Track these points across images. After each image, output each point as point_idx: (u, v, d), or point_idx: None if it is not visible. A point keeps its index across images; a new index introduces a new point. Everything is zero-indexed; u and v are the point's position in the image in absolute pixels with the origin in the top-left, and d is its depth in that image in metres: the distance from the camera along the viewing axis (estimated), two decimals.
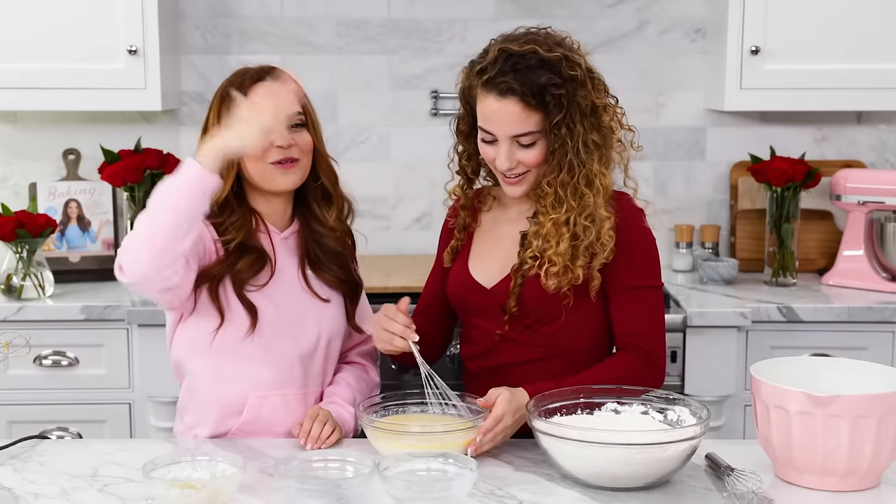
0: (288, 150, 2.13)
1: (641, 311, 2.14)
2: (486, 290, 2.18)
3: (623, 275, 2.12)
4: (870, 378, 1.92)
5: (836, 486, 1.82)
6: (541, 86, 2.03)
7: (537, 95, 2.03)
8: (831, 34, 3.21)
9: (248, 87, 2.14)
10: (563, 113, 2.04)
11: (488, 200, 2.28)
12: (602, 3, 3.50)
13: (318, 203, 2.23)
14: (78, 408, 3.04)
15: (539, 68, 2.04)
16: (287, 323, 2.17)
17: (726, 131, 3.56)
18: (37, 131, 3.50)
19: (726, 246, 3.58)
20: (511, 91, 2.03)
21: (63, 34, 3.17)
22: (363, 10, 3.49)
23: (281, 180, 2.14)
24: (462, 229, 2.27)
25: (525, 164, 2.09)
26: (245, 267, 2.13)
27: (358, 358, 2.32)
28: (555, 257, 2.07)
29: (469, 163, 2.24)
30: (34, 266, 3.10)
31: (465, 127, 2.21)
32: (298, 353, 2.18)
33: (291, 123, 2.14)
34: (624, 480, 1.81)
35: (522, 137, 2.07)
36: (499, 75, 2.04)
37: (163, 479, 1.74)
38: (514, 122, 2.05)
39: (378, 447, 1.97)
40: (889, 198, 3.24)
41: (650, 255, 2.17)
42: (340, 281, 2.24)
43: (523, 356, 2.16)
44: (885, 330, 3.03)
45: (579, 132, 2.06)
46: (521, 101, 2.03)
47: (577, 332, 2.15)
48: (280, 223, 2.22)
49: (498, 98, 2.05)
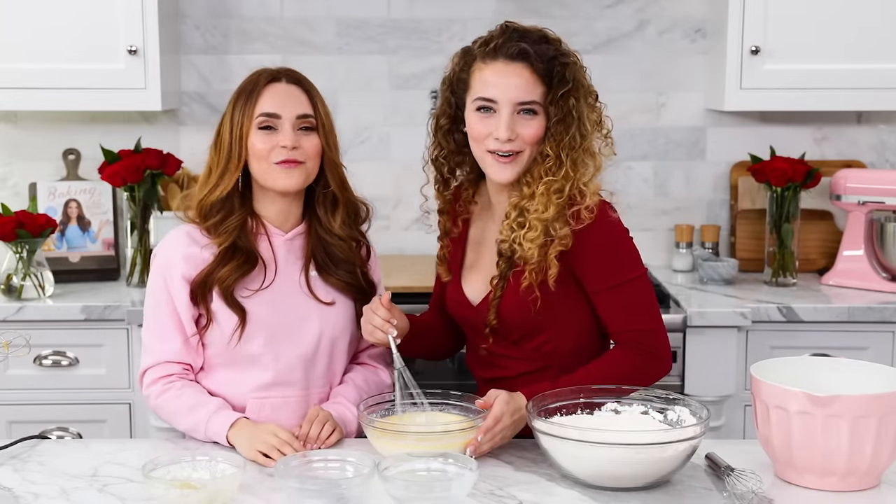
0: (292, 152, 2.12)
1: (628, 306, 2.10)
2: (473, 306, 2.19)
3: (601, 275, 2.08)
4: (870, 378, 1.92)
5: (836, 486, 1.82)
6: (550, 57, 2.05)
7: (546, 65, 2.04)
8: (831, 34, 3.21)
9: (262, 85, 2.15)
10: (568, 86, 2.05)
11: (470, 207, 2.24)
12: (602, 3, 3.50)
13: (326, 209, 2.22)
14: (78, 408, 3.05)
15: (546, 43, 2.07)
16: (286, 325, 2.17)
17: (726, 131, 3.56)
18: (37, 131, 3.50)
19: (726, 246, 3.58)
20: (523, 55, 2.04)
21: (63, 34, 3.17)
22: (363, 10, 3.49)
23: (283, 181, 2.14)
24: (444, 235, 2.26)
25: (523, 138, 2.06)
26: (230, 271, 2.13)
27: (368, 359, 2.31)
28: (536, 222, 2.04)
29: (446, 161, 2.21)
30: (34, 266, 3.10)
31: (445, 122, 2.18)
32: (298, 356, 2.18)
33: (299, 127, 2.14)
34: (624, 480, 1.81)
35: (525, 105, 2.06)
36: (508, 41, 2.06)
37: (163, 479, 1.75)
38: (522, 88, 2.05)
39: (378, 447, 1.97)
40: (889, 198, 3.23)
41: (624, 247, 2.12)
42: (347, 285, 2.23)
43: (517, 369, 2.17)
44: (885, 330, 3.03)
45: (583, 108, 2.07)
46: (531, 68, 2.04)
47: (563, 341, 2.14)
48: (285, 225, 2.21)
49: (507, 62, 2.05)
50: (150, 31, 3.17)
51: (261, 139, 2.13)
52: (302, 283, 2.20)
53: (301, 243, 2.22)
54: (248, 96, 2.15)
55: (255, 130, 2.14)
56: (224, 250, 2.14)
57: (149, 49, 3.17)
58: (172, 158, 3.25)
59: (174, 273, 2.15)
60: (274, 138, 2.13)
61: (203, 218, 2.17)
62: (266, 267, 2.18)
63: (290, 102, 2.15)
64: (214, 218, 2.16)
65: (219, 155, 2.17)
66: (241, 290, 2.14)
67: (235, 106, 2.16)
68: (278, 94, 2.15)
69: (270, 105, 2.14)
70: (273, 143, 2.12)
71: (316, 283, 2.21)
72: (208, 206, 2.16)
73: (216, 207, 2.16)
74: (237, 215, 2.16)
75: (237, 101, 2.17)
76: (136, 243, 3.27)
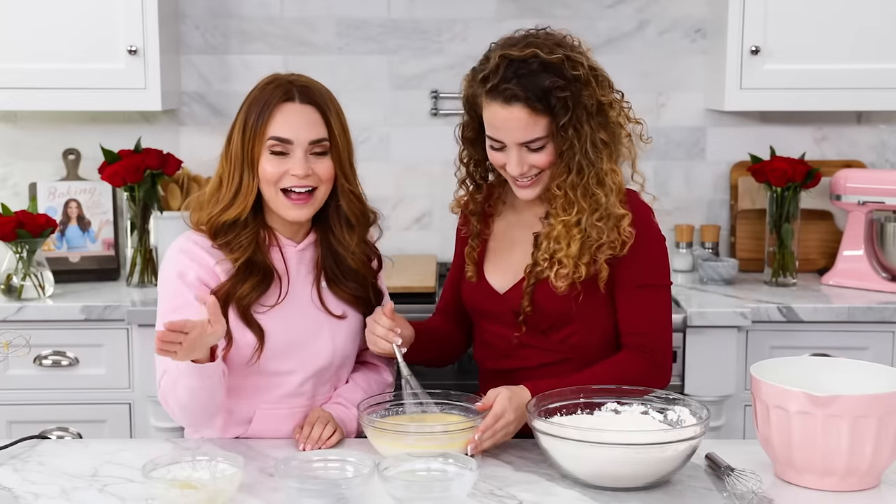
0: (303, 179, 2.06)
1: (648, 311, 2.13)
2: (500, 295, 2.19)
3: (630, 273, 2.11)
4: (870, 378, 1.91)
5: (836, 486, 1.82)
6: (545, 89, 2.02)
7: (542, 100, 2.02)
8: (831, 34, 3.21)
9: (275, 105, 2.06)
10: (568, 115, 2.03)
11: (499, 206, 2.27)
12: (602, 3, 3.50)
13: (341, 224, 2.15)
14: (78, 408, 3.04)
15: (542, 72, 2.02)
16: (298, 342, 2.13)
17: (726, 131, 3.56)
18: (37, 131, 3.50)
19: (726, 246, 3.58)
20: (515, 98, 2.02)
21: (63, 34, 3.17)
22: (363, 10, 3.49)
23: (293, 213, 2.09)
24: (476, 236, 2.27)
25: (536, 166, 2.08)
26: (248, 289, 2.07)
27: (371, 358, 2.29)
28: (565, 259, 2.07)
29: (477, 169, 2.24)
30: (34, 266, 3.10)
31: (470, 133, 2.20)
32: (309, 372, 2.15)
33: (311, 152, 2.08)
34: (624, 480, 1.81)
35: (531, 143, 2.06)
36: (502, 82, 2.03)
37: (163, 479, 1.74)
38: (522, 129, 2.05)
39: (378, 447, 1.97)
40: (889, 198, 3.23)
41: (658, 253, 2.16)
42: (357, 298, 2.19)
43: (538, 360, 2.17)
44: (885, 330, 3.03)
45: (586, 132, 2.05)
46: (527, 107, 2.02)
47: (589, 335, 2.15)
48: (296, 236, 2.17)
49: (503, 105, 2.04)
50: (150, 31, 3.17)
51: (272, 164, 2.06)
52: (314, 297, 2.16)
53: (312, 254, 2.18)
54: (259, 114, 2.06)
55: (266, 154, 2.07)
56: (240, 267, 2.08)
57: (149, 49, 3.17)
58: (172, 158, 3.25)
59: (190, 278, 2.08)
60: (285, 164, 2.06)
61: (214, 235, 2.11)
62: (280, 281, 2.13)
63: (303, 126, 2.06)
64: (227, 236, 2.10)
65: (230, 169, 2.10)
66: (257, 307, 2.09)
67: (247, 120, 2.08)
68: (292, 116, 2.06)
69: (282, 129, 2.06)
70: (284, 170, 2.06)
71: (326, 295, 2.17)
72: (220, 224, 2.10)
73: (228, 225, 2.10)
74: (250, 229, 2.11)
75: (248, 116, 2.08)
76: (136, 243, 3.27)
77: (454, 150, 2.27)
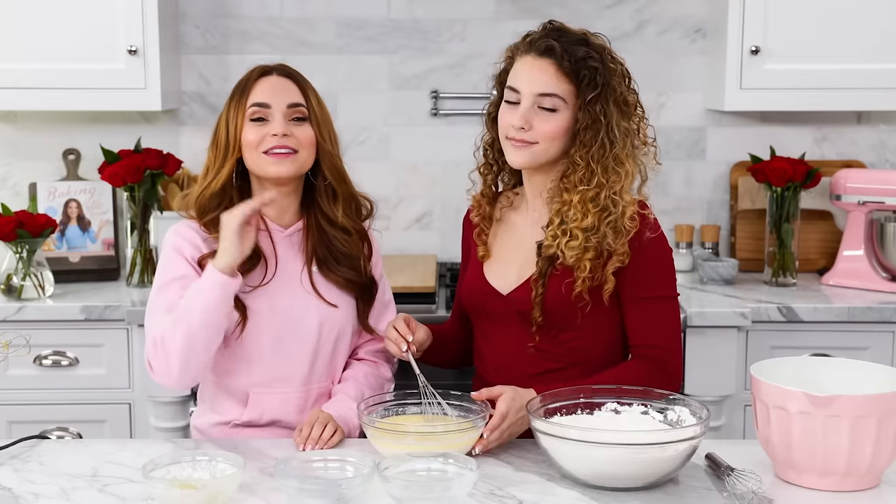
0: (283, 139, 2.14)
1: (657, 322, 2.14)
2: (503, 296, 2.19)
3: (638, 284, 2.12)
4: (870, 378, 1.91)
5: (836, 486, 1.82)
6: (579, 58, 2.08)
7: (573, 65, 2.07)
8: (831, 34, 3.21)
9: (254, 79, 2.19)
10: (597, 91, 2.07)
11: (502, 205, 2.27)
12: (601, 4, 3.50)
13: (328, 200, 2.23)
14: (78, 408, 3.05)
15: (583, 45, 2.10)
16: (287, 322, 2.17)
17: (726, 131, 3.56)
18: (37, 131, 3.50)
19: (726, 246, 3.58)
20: (550, 51, 2.08)
21: (63, 34, 3.17)
22: (363, 10, 3.49)
23: (274, 168, 2.15)
24: (485, 219, 2.28)
25: (538, 130, 2.09)
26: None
27: (369, 355, 2.31)
28: (577, 231, 2.07)
29: (491, 149, 2.25)
30: (34, 266, 3.10)
31: (493, 110, 2.21)
32: (300, 352, 2.19)
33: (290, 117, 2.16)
34: (624, 480, 1.81)
35: (546, 98, 2.08)
36: (542, 39, 2.10)
37: (163, 479, 1.75)
38: (543, 81, 2.08)
39: (378, 447, 1.97)
40: (889, 198, 3.24)
41: (665, 264, 2.17)
42: (349, 282, 2.23)
43: (543, 366, 2.16)
44: (885, 330, 3.03)
45: (613, 113, 2.09)
46: (556, 64, 2.08)
47: (594, 340, 2.15)
48: (284, 220, 2.23)
49: (536, 57, 2.10)
50: (150, 31, 3.17)
51: (253, 130, 2.16)
52: (304, 280, 2.21)
53: (300, 239, 2.23)
54: (241, 92, 2.19)
55: (247, 123, 2.16)
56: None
57: (149, 49, 3.17)
58: (172, 158, 3.25)
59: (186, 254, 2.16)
60: (265, 128, 2.16)
61: (201, 213, 2.18)
62: (266, 262, 2.19)
63: (280, 92, 2.17)
64: (212, 213, 2.16)
65: (215, 152, 2.20)
66: (241, 286, 2.13)
67: (230, 103, 2.20)
68: (269, 85, 2.18)
69: (261, 96, 2.17)
70: (264, 133, 2.15)
71: (318, 279, 2.21)
72: (206, 199, 2.17)
73: (214, 202, 2.17)
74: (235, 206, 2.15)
75: (231, 98, 2.21)
76: (136, 243, 3.27)
77: (454, 150, 2.28)
